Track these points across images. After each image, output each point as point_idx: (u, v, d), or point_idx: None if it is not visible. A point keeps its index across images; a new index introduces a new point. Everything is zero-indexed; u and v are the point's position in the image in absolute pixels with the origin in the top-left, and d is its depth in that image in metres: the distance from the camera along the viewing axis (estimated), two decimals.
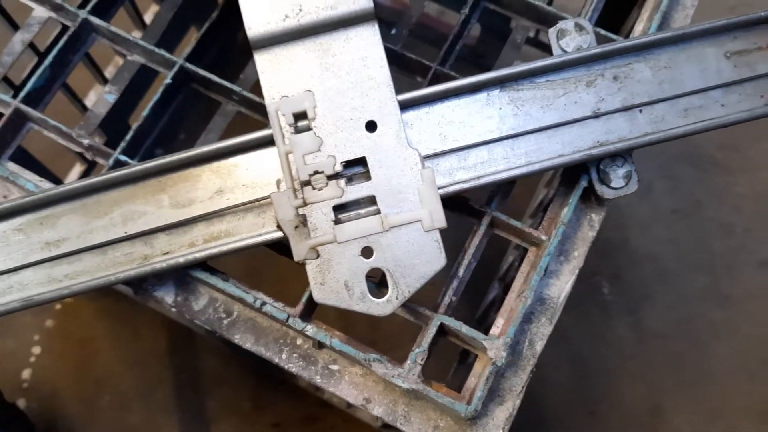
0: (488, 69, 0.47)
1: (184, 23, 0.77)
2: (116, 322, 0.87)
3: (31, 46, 0.56)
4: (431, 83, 0.50)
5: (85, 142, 0.47)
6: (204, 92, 0.50)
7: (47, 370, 0.85)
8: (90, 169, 0.79)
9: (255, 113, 0.49)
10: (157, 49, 0.49)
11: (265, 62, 0.42)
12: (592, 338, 0.86)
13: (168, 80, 0.48)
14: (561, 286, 0.46)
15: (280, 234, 0.42)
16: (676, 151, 0.93)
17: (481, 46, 0.92)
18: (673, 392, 0.86)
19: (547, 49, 0.80)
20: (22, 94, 0.48)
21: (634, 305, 0.89)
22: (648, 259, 0.90)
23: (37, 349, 0.86)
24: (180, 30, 0.78)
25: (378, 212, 0.41)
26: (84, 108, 0.73)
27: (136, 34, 0.80)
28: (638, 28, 0.51)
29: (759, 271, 0.90)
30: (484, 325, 0.71)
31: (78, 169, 0.79)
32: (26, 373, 0.85)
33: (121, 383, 0.85)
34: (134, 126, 0.47)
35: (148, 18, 0.77)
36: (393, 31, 0.53)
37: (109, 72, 0.77)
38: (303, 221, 0.41)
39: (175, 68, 0.49)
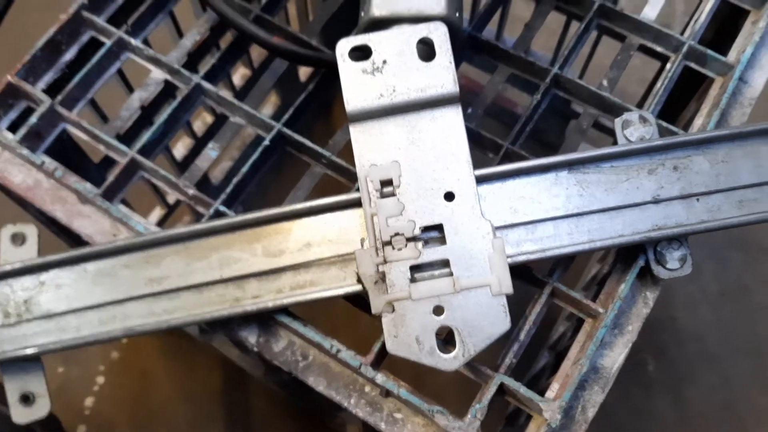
0: (547, 143, 0.51)
1: (267, 89, 0.85)
2: (175, 359, 0.92)
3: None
4: (502, 160, 0.54)
5: (190, 192, 0.52)
6: (296, 154, 0.55)
7: (108, 400, 0.90)
8: (169, 213, 0.85)
9: (340, 176, 0.55)
10: (258, 114, 0.55)
11: (358, 133, 0.47)
12: (633, 414, 0.87)
13: (266, 142, 0.54)
14: (614, 358, 0.49)
15: (359, 287, 0.47)
16: (727, 237, 0.96)
17: (542, 123, 0.97)
18: None
19: (605, 131, 0.85)
20: (138, 145, 0.54)
21: (678, 384, 0.90)
22: (693, 340, 0.91)
23: (101, 379, 0.90)
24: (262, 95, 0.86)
25: (450, 274, 0.45)
26: (173, 158, 0.79)
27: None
28: (697, 122, 0.55)
29: None
30: (533, 390, 0.73)
31: (158, 212, 0.86)
32: (89, 401, 0.89)
33: (174, 417, 0.89)
34: (234, 180, 0.53)
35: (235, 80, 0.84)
36: (469, 110, 0.58)
37: (196, 126, 0.84)
38: (382, 277, 0.45)
39: (273, 132, 0.54)
